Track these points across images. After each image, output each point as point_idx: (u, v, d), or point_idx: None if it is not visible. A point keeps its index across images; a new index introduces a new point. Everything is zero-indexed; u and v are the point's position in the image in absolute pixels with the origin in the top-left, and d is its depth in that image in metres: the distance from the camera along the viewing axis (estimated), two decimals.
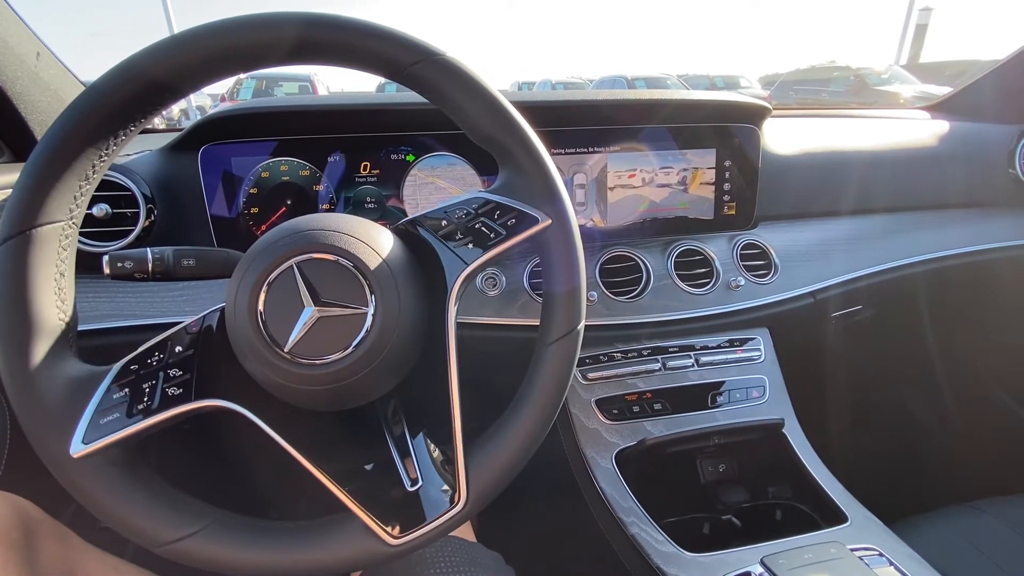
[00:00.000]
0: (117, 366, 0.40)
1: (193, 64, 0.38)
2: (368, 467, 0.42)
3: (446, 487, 0.40)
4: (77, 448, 0.36)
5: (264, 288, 0.37)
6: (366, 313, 0.38)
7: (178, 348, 0.41)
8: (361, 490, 0.39)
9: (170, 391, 0.38)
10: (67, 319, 0.39)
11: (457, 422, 0.40)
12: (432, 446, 0.43)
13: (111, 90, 0.37)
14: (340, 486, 0.38)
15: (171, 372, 0.39)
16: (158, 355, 0.40)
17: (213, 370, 0.40)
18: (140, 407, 0.38)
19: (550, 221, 0.42)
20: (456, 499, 0.40)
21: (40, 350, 0.37)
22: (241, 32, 0.38)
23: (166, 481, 0.40)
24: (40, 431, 0.36)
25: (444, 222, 0.44)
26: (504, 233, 0.42)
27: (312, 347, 0.37)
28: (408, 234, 0.45)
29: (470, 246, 0.42)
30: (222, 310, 0.42)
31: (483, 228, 0.43)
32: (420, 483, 0.40)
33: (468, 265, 0.41)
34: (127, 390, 0.38)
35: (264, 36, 0.38)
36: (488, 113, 0.42)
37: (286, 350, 0.37)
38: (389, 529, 0.38)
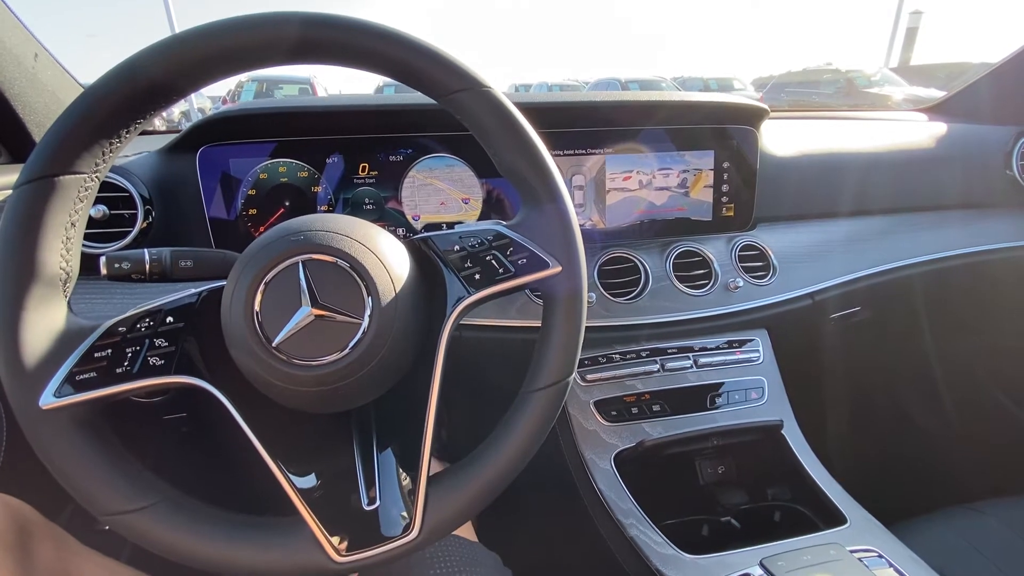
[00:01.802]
0: (105, 325, 0.39)
1: (260, 45, 0.38)
2: (330, 475, 0.41)
3: (404, 513, 0.40)
4: (47, 400, 0.36)
5: (261, 287, 0.37)
6: (362, 319, 0.38)
7: (169, 319, 0.40)
8: (318, 498, 0.39)
9: (152, 360, 0.38)
10: (68, 270, 0.39)
11: (427, 449, 0.40)
12: (398, 466, 0.43)
13: (156, 55, 0.37)
14: (297, 489, 0.38)
15: (157, 341, 0.39)
16: (148, 321, 0.40)
17: (199, 349, 0.40)
18: (119, 371, 0.37)
19: (560, 268, 0.42)
20: (410, 528, 0.39)
21: (35, 294, 0.36)
22: (290, 28, 0.38)
23: (134, 456, 0.39)
24: (15, 376, 0.36)
25: (457, 247, 0.44)
26: (513, 271, 0.42)
27: (305, 348, 0.37)
28: (418, 250, 0.45)
29: (477, 277, 0.42)
30: (220, 289, 0.41)
31: (493, 261, 0.43)
32: (378, 503, 0.40)
33: (470, 296, 0.42)
34: (110, 351, 0.38)
35: (331, 35, 0.38)
36: (522, 152, 0.43)
37: (274, 345, 0.37)
38: (336, 543, 0.38)
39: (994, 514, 0.76)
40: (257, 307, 0.37)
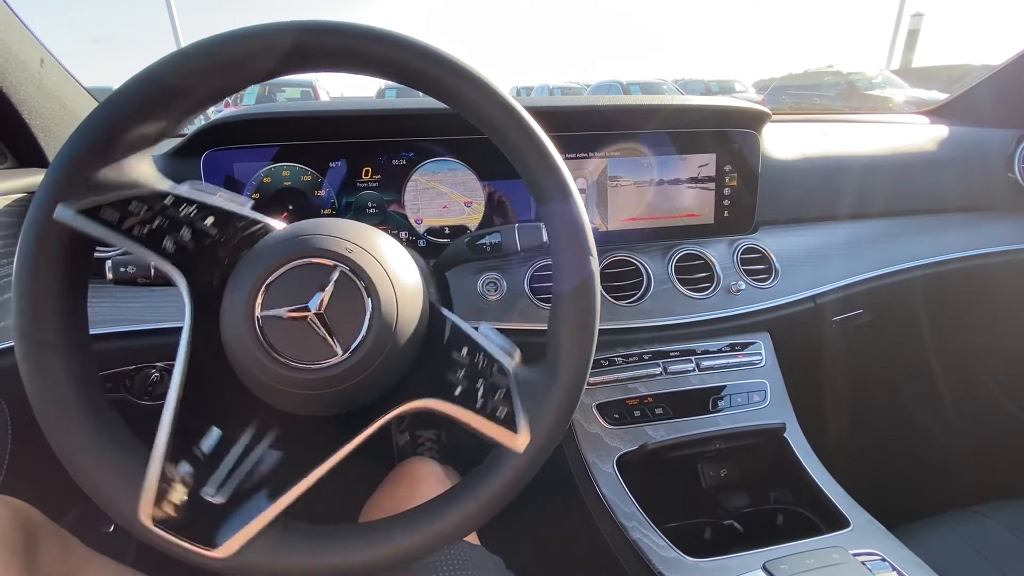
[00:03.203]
0: (164, 187, 0.40)
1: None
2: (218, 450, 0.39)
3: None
4: (63, 213, 0.37)
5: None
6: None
7: (210, 219, 0.41)
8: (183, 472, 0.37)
9: (166, 244, 0.39)
10: None
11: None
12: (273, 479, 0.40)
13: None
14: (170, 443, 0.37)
15: (183, 231, 0.40)
16: (192, 210, 0.41)
17: (207, 264, 0.41)
18: (135, 232, 0.39)
19: (523, 443, 0.42)
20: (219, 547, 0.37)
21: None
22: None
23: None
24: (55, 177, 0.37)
25: (468, 349, 0.44)
26: (483, 413, 0.42)
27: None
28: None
29: (457, 392, 0.42)
30: (261, 227, 0.42)
31: (480, 390, 0.43)
32: (223, 501, 0.38)
33: (432, 399, 0.42)
34: (145, 208, 0.39)
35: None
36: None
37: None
38: (158, 512, 0.37)
39: (997, 518, 0.75)
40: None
